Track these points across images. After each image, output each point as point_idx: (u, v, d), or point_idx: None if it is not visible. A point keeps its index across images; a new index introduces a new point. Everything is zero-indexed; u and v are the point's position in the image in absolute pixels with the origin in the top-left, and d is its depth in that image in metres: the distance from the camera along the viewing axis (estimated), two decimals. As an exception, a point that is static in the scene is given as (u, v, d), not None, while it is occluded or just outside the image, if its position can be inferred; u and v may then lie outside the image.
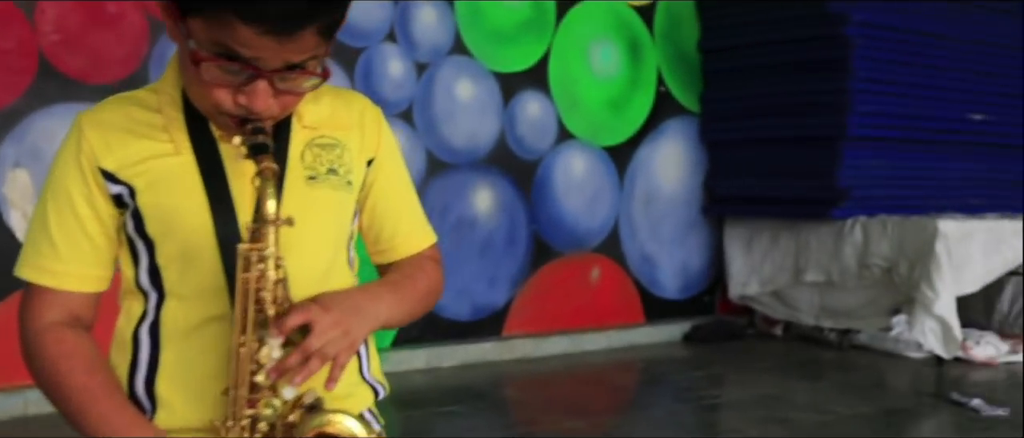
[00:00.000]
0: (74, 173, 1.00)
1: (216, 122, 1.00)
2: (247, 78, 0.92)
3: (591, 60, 4.57)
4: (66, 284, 1.02)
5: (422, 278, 1.14)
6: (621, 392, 3.96)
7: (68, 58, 3.22)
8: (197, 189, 1.00)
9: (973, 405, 3.52)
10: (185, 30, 0.92)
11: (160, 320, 1.04)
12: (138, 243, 1.03)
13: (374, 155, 1.12)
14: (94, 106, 1.05)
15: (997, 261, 4.28)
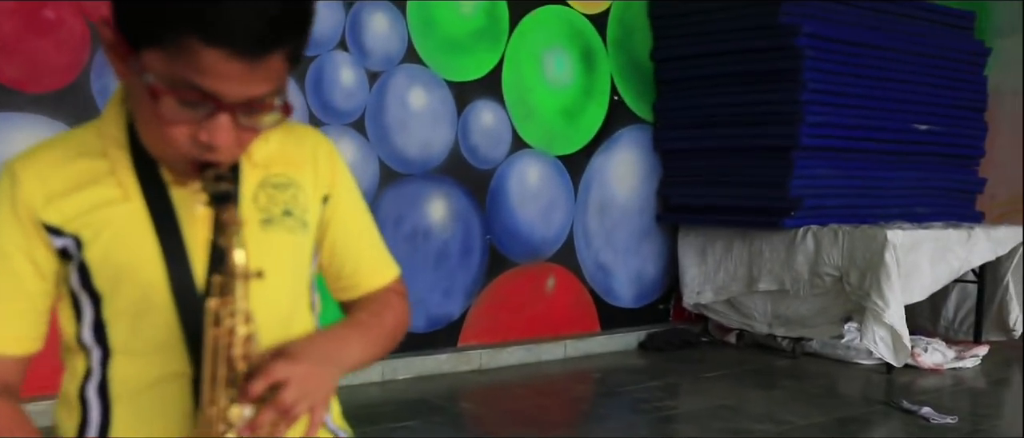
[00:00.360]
0: (10, 227, 0.92)
1: (168, 165, 0.94)
2: (208, 113, 0.85)
3: (545, 68, 4.55)
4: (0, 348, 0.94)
5: (389, 314, 1.09)
6: (578, 403, 3.94)
7: (4, 66, 3.09)
8: (149, 239, 0.93)
9: (923, 413, 3.57)
10: (138, 65, 0.84)
11: (108, 378, 0.97)
12: (82, 297, 0.96)
13: (329, 191, 1.06)
14: (27, 150, 0.96)
15: (943, 270, 4.36)
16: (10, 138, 3.14)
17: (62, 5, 3.18)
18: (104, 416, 0.98)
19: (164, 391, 0.96)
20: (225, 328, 0.88)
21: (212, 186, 0.88)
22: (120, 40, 0.85)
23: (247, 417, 0.89)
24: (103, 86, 3.29)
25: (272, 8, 0.82)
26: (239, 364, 0.89)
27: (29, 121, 3.16)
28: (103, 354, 0.97)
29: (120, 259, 0.93)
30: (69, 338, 1.00)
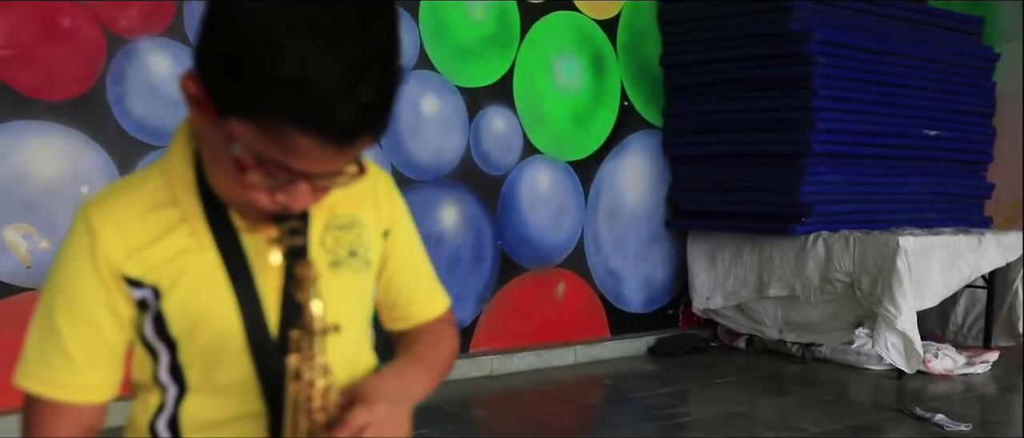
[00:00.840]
0: (90, 280, 0.92)
1: (241, 212, 0.94)
2: (289, 180, 0.85)
3: (555, 75, 4.56)
4: (84, 397, 0.95)
5: (445, 346, 1.10)
6: (590, 410, 3.94)
7: (21, 74, 3.09)
8: (224, 288, 0.93)
9: (936, 421, 3.57)
10: (225, 129, 0.83)
11: (180, 414, 0.98)
12: (157, 344, 0.97)
13: (389, 227, 1.07)
14: (99, 199, 0.96)
15: (954, 276, 4.37)
16: (27, 146, 3.14)
17: (79, 13, 3.18)
18: None
19: (238, 429, 0.97)
20: (305, 382, 0.89)
21: (288, 241, 0.89)
22: (207, 101, 0.84)
23: None
24: (118, 95, 3.30)
25: (366, 97, 0.81)
26: (318, 416, 0.90)
27: (46, 129, 3.16)
28: (179, 392, 0.98)
29: (197, 308, 0.94)
30: (143, 376, 1.00)
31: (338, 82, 0.78)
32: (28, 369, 0.96)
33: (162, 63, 3.38)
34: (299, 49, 0.77)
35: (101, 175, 3.29)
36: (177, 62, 3.41)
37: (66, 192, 3.22)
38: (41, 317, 0.96)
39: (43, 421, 0.95)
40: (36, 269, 3.18)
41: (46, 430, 0.94)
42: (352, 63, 0.78)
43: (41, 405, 0.95)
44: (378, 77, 0.81)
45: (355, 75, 0.79)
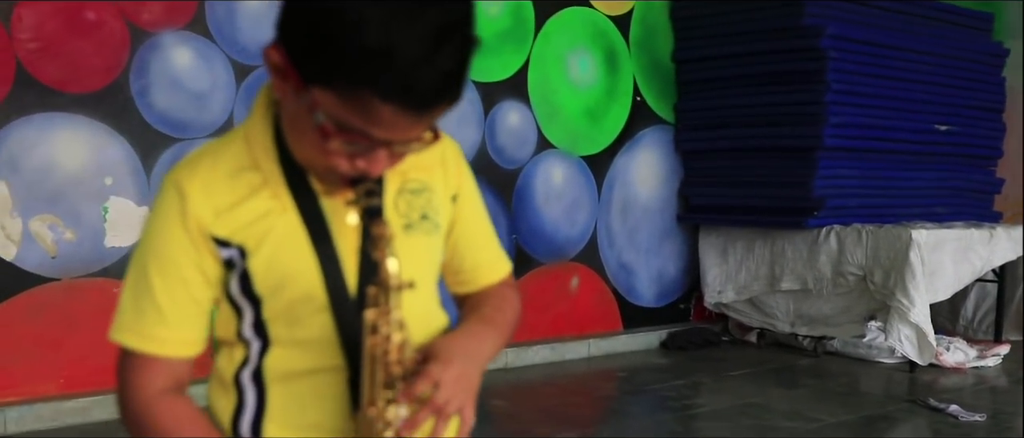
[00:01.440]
0: (180, 239, 0.96)
1: (319, 177, 0.97)
2: (369, 147, 0.89)
3: (569, 69, 4.59)
4: (175, 350, 0.99)
5: (509, 308, 1.13)
6: (606, 401, 3.97)
7: (46, 67, 3.13)
8: (305, 248, 0.97)
9: (951, 411, 3.60)
10: (308, 99, 0.87)
11: (263, 366, 1.01)
12: (242, 302, 1.00)
13: (457, 191, 1.10)
14: (186, 164, 1.00)
15: (966, 269, 4.39)
16: (53, 137, 3.18)
17: (103, 7, 3.22)
18: (259, 399, 1.02)
19: (319, 380, 1.00)
20: (382, 336, 0.92)
21: (364, 201, 0.92)
22: (291, 72, 0.87)
23: (404, 416, 0.94)
24: (142, 87, 3.33)
25: (447, 65, 0.83)
26: (395, 368, 0.93)
27: (71, 120, 3.20)
28: (262, 346, 1.01)
29: (281, 267, 0.97)
30: (227, 333, 1.03)
31: (420, 51, 0.81)
32: (123, 324, 0.99)
33: (184, 56, 3.41)
34: (382, 20, 0.80)
35: (124, 167, 3.32)
36: (198, 55, 3.44)
37: (90, 183, 3.26)
38: (134, 276, 0.99)
39: (136, 374, 0.98)
40: (61, 260, 3.22)
41: (139, 382, 0.98)
42: (433, 32, 0.81)
43: (134, 358, 0.99)
44: (457, 45, 0.84)
45: (435, 44, 0.82)
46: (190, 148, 3.44)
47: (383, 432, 0.93)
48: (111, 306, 3.07)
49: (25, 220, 3.14)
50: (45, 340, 3.19)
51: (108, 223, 3.30)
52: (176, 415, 0.98)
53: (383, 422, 0.93)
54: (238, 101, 3.55)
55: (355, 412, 0.98)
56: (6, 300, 3.12)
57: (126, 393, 0.99)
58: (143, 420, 0.98)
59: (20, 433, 3.12)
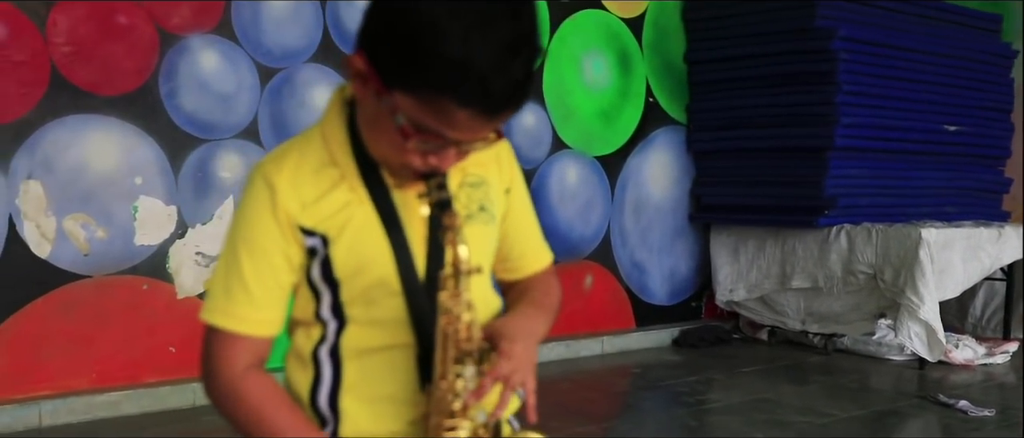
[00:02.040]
0: (270, 228, 1.05)
1: (392, 172, 1.06)
2: (441, 146, 0.98)
3: (583, 71, 4.67)
4: (260, 330, 1.07)
5: (554, 294, 1.23)
6: (621, 396, 4.05)
7: (80, 70, 3.22)
8: (380, 237, 1.06)
9: (960, 407, 3.66)
10: (389, 102, 0.95)
11: (340, 343, 1.09)
12: (321, 286, 1.09)
13: (509, 185, 1.19)
14: (272, 159, 1.08)
15: (975, 267, 4.46)
16: (85, 138, 3.27)
17: (134, 11, 3.31)
18: (336, 374, 1.10)
19: (391, 357, 1.09)
20: (453, 316, 1.01)
21: (436, 194, 1.01)
22: (374, 77, 0.96)
23: (472, 389, 1.03)
24: (170, 89, 3.43)
25: (517, 74, 0.92)
26: (464, 345, 1.03)
27: (103, 122, 3.29)
28: (339, 325, 1.10)
29: (358, 254, 1.06)
30: (305, 314, 1.12)
31: (495, 62, 0.90)
32: (213, 306, 1.08)
33: (211, 59, 3.50)
34: (462, 33, 0.88)
35: (153, 167, 3.42)
36: (225, 58, 3.53)
37: (121, 183, 3.35)
38: (225, 261, 1.08)
39: (224, 351, 1.07)
40: (93, 257, 3.31)
41: (227, 359, 1.06)
42: (506, 45, 0.90)
43: (223, 337, 1.07)
44: (526, 57, 0.93)
45: (509, 55, 0.91)
46: (217, 149, 3.54)
47: (453, 403, 1.02)
48: (140, 303, 3.18)
49: (59, 219, 3.23)
50: (77, 336, 3.29)
51: (138, 222, 3.40)
52: (261, 389, 1.06)
53: (453, 394, 1.02)
54: (263, 103, 3.64)
55: (423, 386, 1.06)
56: (41, 296, 3.21)
57: (214, 369, 1.07)
58: (230, 394, 1.06)
59: (54, 425, 3.21)
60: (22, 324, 3.18)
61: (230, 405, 1.07)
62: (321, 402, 1.11)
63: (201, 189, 3.53)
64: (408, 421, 1.10)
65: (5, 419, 3.12)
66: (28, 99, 3.14)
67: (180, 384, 3.48)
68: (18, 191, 3.15)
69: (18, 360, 3.18)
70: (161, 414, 3.41)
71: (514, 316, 1.14)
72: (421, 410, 1.08)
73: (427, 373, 1.06)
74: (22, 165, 3.15)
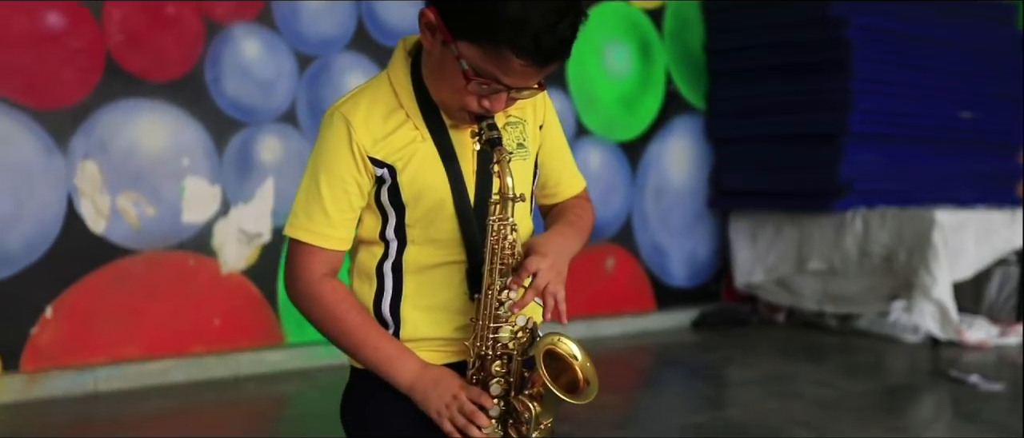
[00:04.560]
0: (347, 159, 1.23)
1: (450, 114, 1.25)
2: (496, 90, 1.16)
3: (605, 60, 4.82)
4: (335, 245, 1.27)
5: (587, 215, 1.41)
6: (642, 372, 4.21)
7: (132, 57, 3.42)
8: (439, 169, 1.25)
9: (971, 381, 3.79)
10: (454, 50, 1.14)
11: (402, 260, 1.28)
12: (389, 209, 1.27)
13: (543, 121, 1.37)
14: (347, 101, 1.27)
15: (988, 250, 4.58)
16: (136, 122, 3.47)
17: (182, 2, 3.50)
18: (397, 286, 1.29)
19: (444, 271, 1.28)
20: (501, 235, 1.21)
21: (488, 133, 1.20)
22: (442, 29, 1.15)
23: (514, 297, 1.22)
24: (215, 76, 3.62)
25: (565, 33, 1.12)
26: (508, 260, 1.22)
27: (152, 107, 3.50)
28: (400, 245, 1.28)
29: (421, 182, 1.25)
30: (371, 234, 1.30)
31: (547, 22, 1.09)
32: (296, 223, 1.27)
33: (252, 47, 3.70)
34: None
35: (199, 149, 3.62)
36: (265, 46, 3.72)
37: (169, 164, 3.55)
38: (307, 186, 1.27)
39: (305, 261, 1.27)
40: (144, 234, 3.51)
41: (307, 268, 1.26)
42: (557, 8, 1.09)
43: (304, 250, 1.26)
44: (572, 19, 1.12)
45: (558, 17, 1.10)
46: (258, 132, 3.74)
47: (497, 309, 1.22)
48: (187, 277, 3.42)
49: (113, 197, 3.44)
50: (128, 307, 3.49)
51: (184, 201, 3.60)
52: (334, 293, 1.27)
53: (498, 301, 1.21)
54: (300, 89, 3.83)
55: (471, 296, 1.25)
56: (96, 270, 3.42)
57: (296, 275, 1.27)
58: (308, 296, 1.26)
59: (108, 391, 3.42)
60: (79, 296, 3.40)
61: (308, 305, 1.27)
62: (384, 310, 1.29)
63: (243, 170, 3.72)
64: (457, 327, 1.29)
65: (65, 384, 3.34)
66: (85, 85, 3.35)
67: (224, 355, 3.68)
68: (76, 170, 3.36)
69: (75, 330, 3.39)
70: (206, 383, 3.61)
71: (549, 235, 1.32)
72: (469, 317, 1.27)
73: (475, 286, 1.25)
74: (79, 146, 3.36)
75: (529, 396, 1.24)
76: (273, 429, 3.30)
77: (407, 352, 1.27)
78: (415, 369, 1.25)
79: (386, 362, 1.25)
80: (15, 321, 3.28)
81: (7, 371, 3.28)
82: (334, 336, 1.27)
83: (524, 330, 1.25)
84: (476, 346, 1.24)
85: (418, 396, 1.25)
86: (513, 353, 1.24)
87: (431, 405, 1.24)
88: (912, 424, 3.36)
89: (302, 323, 4.16)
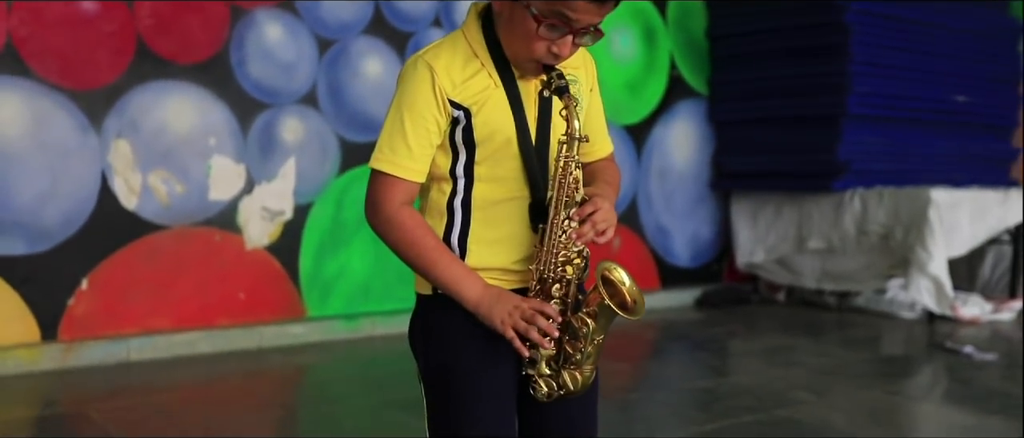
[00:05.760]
0: (430, 99, 1.38)
1: (519, 66, 1.40)
2: (561, 34, 1.32)
3: (611, 45, 4.97)
4: (413, 176, 1.41)
5: (618, 176, 1.57)
6: (649, 345, 4.37)
7: (161, 40, 3.57)
8: (508, 113, 1.40)
9: (965, 352, 3.95)
10: (524, 1, 1.30)
11: (471, 197, 1.43)
12: (461, 147, 1.42)
13: (592, 85, 1.52)
14: (431, 51, 1.41)
15: (981, 228, 4.73)
16: (166, 102, 3.62)
17: (208, -13, 3.65)
18: (465, 220, 1.44)
19: (509, 207, 1.43)
20: (567, 171, 1.36)
21: (557, 82, 1.35)
22: None
23: (575, 228, 1.38)
24: (240, 58, 3.76)
25: None
26: (573, 194, 1.38)
27: (181, 88, 3.64)
28: (468, 182, 1.43)
29: (492, 124, 1.40)
30: (442, 171, 1.45)
31: None
32: (381, 156, 1.41)
33: (275, 30, 3.84)
34: None
35: (225, 129, 3.76)
36: (287, 30, 3.87)
37: (197, 143, 3.70)
38: (392, 122, 1.41)
39: (388, 191, 1.40)
40: (173, 210, 3.66)
41: (389, 196, 1.40)
42: None
43: (387, 180, 1.40)
44: None
45: None
46: (281, 114, 3.88)
47: (560, 237, 1.37)
48: (214, 252, 3.60)
49: (144, 174, 3.58)
50: (159, 281, 3.64)
51: (211, 179, 3.74)
52: (413, 220, 1.41)
53: (561, 229, 1.37)
54: (320, 72, 3.97)
55: (536, 226, 1.40)
56: (128, 244, 3.57)
57: (378, 204, 1.41)
58: (390, 221, 1.40)
59: (140, 361, 3.58)
60: (113, 269, 3.54)
61: (389, 230, 1.41)
62: (453, 241, 1.44)
63: (267, 150, 3.87)
64: (518, 259, 1.44)
65: (99, 353, 3.49)
66: (117, 66, 3.49)
67: (248, 327, 3.83)
68: (109, 149, 3.50)
69: (109, 302, 3.54)
70: (231, 354, 3.76)
71: (600, 184, 1.48)
72: (528, 250, 1.42)
73: (538, 218, 1.40)
74: (112, 125, 3.50)
75: (586, 313, 1.39)
76: (295, 397, 3.45)
77: (474, 274, 1.41)
78: (481, 287, 1.40)
79: (455, 281, 1.39)
80: (53, 293, 3.43)
81: (46, 340, 3.43)
82: (411, 258, 1.41)
83: (581, 257, 1.41)
84: (540, 270, 1.38)
85: (484, 310, 1.38)
86: (571, 278, 1.39)
87: (495, 315, 1.37)
88: (909, 389, 3.53)
89: (323, 298, 4.40)
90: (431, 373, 1.45)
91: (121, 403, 3.08)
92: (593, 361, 1.43)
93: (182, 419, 2.92)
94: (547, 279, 1.39)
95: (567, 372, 1.42)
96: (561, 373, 1.42)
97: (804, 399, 3.18)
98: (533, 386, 1.42)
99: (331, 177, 4.04)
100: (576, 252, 1.40)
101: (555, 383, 1.42)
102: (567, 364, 1.42)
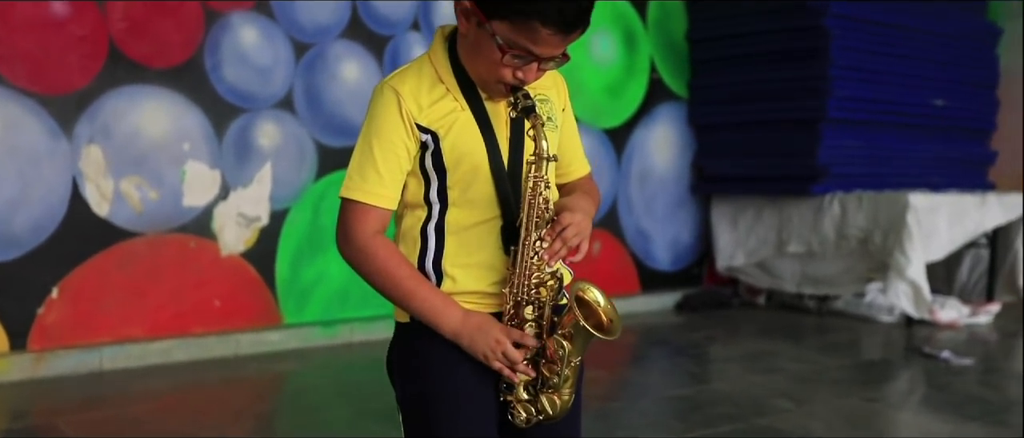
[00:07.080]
0: (397, 123, 1.37)
1: (486, 88, 1.38)
2: (525, 62, 1.30)
3: (591, 48, 4.95)
4: (385, 203, 1.39)
5: (595, 193, 1.55)
6: (630, 349, 4.35)
7: (134, 44, 3.51)
8: (477, 136, 1.38)
9: (943, 357, 3.97)
10: (489, 28, 1.27)
11: (444, 222, 1.40)
12: (431, 172, 1.40)
13: (565, 105, 1.50)
14: (396, 76, 1.40)
15: (959, 231, 4.76)
16: (139, 107, 3.56)
17: (182, -10, 3.60)
18: (439, 245, 1.41)
19: (482, 230, 1.41)
20: (536, 191, 1.34)
21: (524, 102, 1.34)
22: (477, 11, 1.29)
23: (545, 247, 1.36)
24: (214, 63, 3.71)
25: (584, 4, 1.27)
26: (543, 214, 1.36)
27: (154, 92, 3.58)
28: (442, 207, 1.40)
29: (461, 147, 1.38)
30: (415, 198, 1.42)
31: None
32: (352, 184, 1.39)
33: (251, 34, 3.79)
34: None
35: (200, 133, 3.71)
36: (263, 34, 3.82)
37: (170, 148, 3.64)
38: (361, 150, 1.39)
39: (359, 219, 1.38)
40: (146, 216, 3.60)
41: (361, 225, 1.38)
42: None
43: (359, 209, 1.38)
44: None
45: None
46: (256, 118, 3.83)
47: (532, 258, 1.35)
48: (189, 259, 3.54)
49: (116, 181, 3.52)
50: (132, 288, 3.58)
51: (185, 184, 3.69)
52: (386, 249, 1.39)
53: (533, 249, 1.35)
54: (297, 76, 3.92)
55: (507, 249, 1.37)
56: (100, 252, 3.51)
57: (350, 233, 1.38)
58: (362, 251, 1.38)
59: (114, 370, 3.52)
60: (84, 277, 3.48)
61: (362, 260, 1.38)
62: (428, 266, 1.42)
63: (242, 155, 3.82)
64: (493, 281, 1.41)
65: (71, 363, 3.43)
66: (89, 71, 3.43)
67: (224, 335, 3.78)
68: (80, 155, 3.44)
69: (81, 310, 3.48)
70: (207, 362, 3.71)
71: (575, 197, 1.46)
72: (503, 273, 1.39)
73: (509, 240, 1.38)
74: (84, 131, 3.44)
75: (562, 336, 1.37)
76: (272, 405, 3.41)
77: (451, 302, 1.39)
78: (459, 316, 1.38)
79: (433, 311, 1.37)
80: (22, 301, 3.37)
81: (15, 350, 3.36)
82: (386, 289, 1.39)
83: (554, 278, 1.39)
84: (513, 293, 1.37)
85: (465, 341, 1.37)
86: (545, 300, 1.37)
87: (478, 348, 1.36)
88: (887, 395, 3.53)
89: (300, 304, 4.33)
90: (410, 402, 1.43)
91: (94, 414, 3.03)
92: (571, 384, 1.41)
93: (157, 429, 2.87)
94: (521, 302, 1.37)
95: (545, 396, 1.40)
96: (539, 397, 1.40)
97: (783, 407, 3.18)
98: (511, 412, 1.40)
99: (308, 182, 3.99)
100: (549, 273, 1.38)
101: (533, 408, 1.40)
102: (545, 388, 1.40)
